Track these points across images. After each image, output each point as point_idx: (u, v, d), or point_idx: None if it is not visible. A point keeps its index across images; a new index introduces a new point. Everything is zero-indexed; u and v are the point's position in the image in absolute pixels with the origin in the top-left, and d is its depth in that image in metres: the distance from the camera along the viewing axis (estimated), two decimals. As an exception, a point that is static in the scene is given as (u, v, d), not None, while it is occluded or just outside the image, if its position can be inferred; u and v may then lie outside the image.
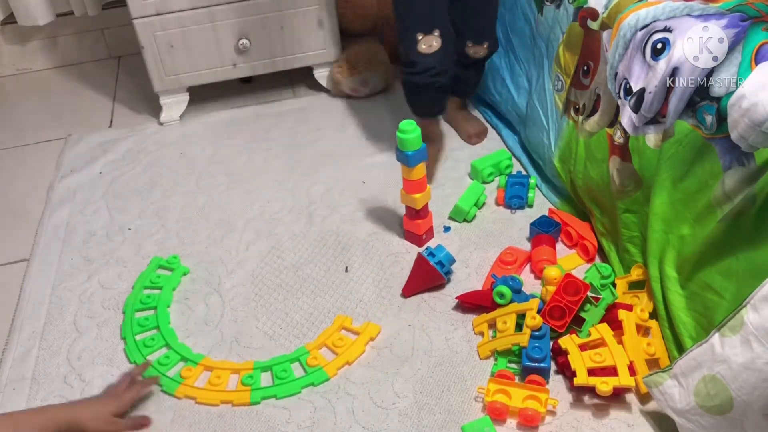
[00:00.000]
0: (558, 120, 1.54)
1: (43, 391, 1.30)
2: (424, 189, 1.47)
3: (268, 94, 2.14)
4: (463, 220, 1.57)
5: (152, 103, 2.11)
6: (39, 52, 2.40)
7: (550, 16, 1.53)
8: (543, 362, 1.20)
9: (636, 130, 1.27)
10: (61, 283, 1.53)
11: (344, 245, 1.56)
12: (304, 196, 1.71)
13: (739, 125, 1.06)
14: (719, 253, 1.11)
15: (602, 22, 1.36)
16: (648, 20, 1.24)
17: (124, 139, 1.99)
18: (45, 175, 1.89)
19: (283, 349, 1.33)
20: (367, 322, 1.36)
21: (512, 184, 1.63)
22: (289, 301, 1.44)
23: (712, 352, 0.98)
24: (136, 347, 1.35)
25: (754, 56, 1.08)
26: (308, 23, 1.97)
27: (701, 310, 1.14)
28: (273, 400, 1.25)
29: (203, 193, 1.76)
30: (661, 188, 1.22)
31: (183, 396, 1.26)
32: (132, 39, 1.96)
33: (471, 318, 1.35)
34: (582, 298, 1.24)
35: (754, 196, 1.04)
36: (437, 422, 1.18)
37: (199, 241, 1.61)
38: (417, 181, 1.45)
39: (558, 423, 1.16)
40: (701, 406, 1.00)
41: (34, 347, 1.39)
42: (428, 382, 1.25)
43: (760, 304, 0.92)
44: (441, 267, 1.39)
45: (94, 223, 1.69)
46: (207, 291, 1.48)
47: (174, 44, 1.92)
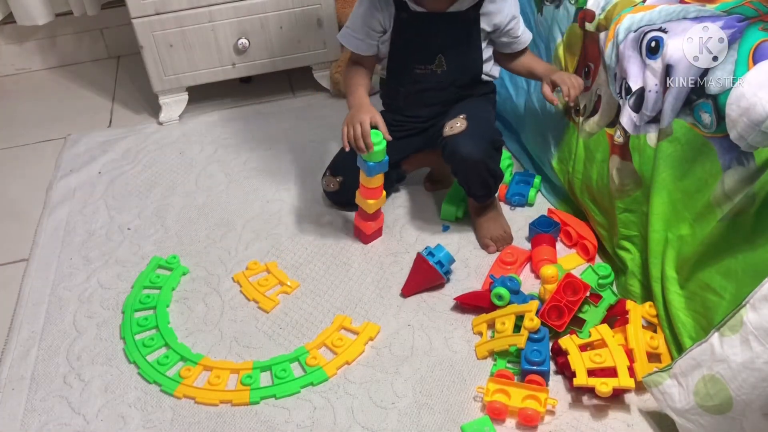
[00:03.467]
0: (557, 121, 1.54)
1: (43, 390, 1.30)
2: (378, 196, 1.49)
3: (268, 94, 2.14)
4: (455, 218, 1.57)
5: (151, 103, 2.11)
6: (38, 51, 2.40)
7: (550, 16, 1.53)
8: (542, 366, 1.19)
9: (636, 129, 1.27)
10: (60, 283, 1.53)
11: (344, 245, 1.56)
12: (303, 196, 1.71)
13: (738, 124, 1.06)
14: (719, 252, 1.11)
15: (599, 24, 1.36)
16: (643, 23, 1.25)
17: (124, 139, 1.99)
18: (44, 174, 1.89)
19: (283, 349, 1.33)
20: (367, 321, 1.36)
21: (518, 181, 1.63)
22: (288, 300, 1.44)
23: (711, 351, 0.98)
24: (135, 347, 1.35)
25: (752, 55, 1.09)
26: (308, 23, 1.97)
27: (701, 310, 1.14)
28: (272, 400, 1.25)
29: (202, 193, 1.76)
30: (661, 188, 1.22)
31: (182, 396, 1.26)
32: (131, 39, 1.96)
33: (470, 318, 1.35)
34: (581, 299, 1.24)
35: (753, 195, 1.04)
36: (436, 422, 1.18)
37: (198, 240, 1.61)
38: (373, 189, 1.47)
39: (557, 423, 1.16)
40: (701, 406, 1.00)
41: (33, 347, 1.39)
42: (428, 381, 1.25)
43: (760, 304, 0.92)
44: (440, 267, 1.39)
45: (94, 223, 1.69)
46: (206, 291, 1.48)
47: (173, 44, 1.92)
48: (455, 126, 1.41)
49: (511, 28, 1.47)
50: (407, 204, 1.65)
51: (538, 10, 1.58)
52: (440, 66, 1.47)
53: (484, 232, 1.51)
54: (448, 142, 1.41)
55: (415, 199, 1.66)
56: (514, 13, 1.47)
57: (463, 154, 1.40)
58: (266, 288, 1.45)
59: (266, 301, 1.43)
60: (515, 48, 1.51)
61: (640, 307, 1.25)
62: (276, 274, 1.48)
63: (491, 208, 1.52)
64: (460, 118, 1.42)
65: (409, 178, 1.69)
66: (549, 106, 1.56)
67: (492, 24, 1.46)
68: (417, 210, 1.63)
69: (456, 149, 1.40)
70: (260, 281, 1.47)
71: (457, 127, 1.41)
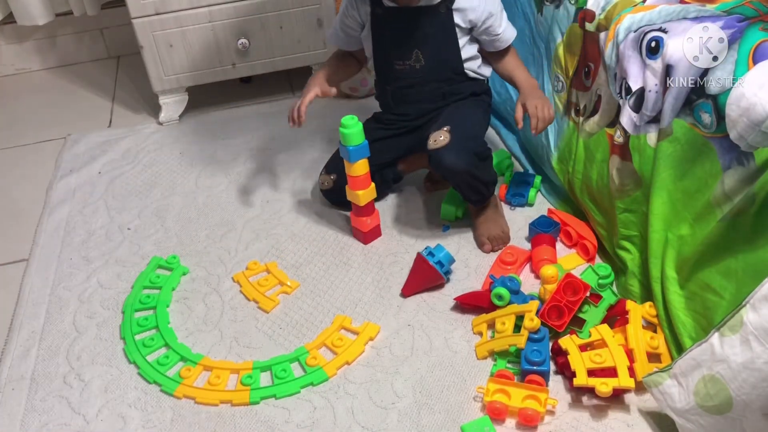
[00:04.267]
0: (558, 121, 1.54)
1: (43, 390, 1.30)
2: (367, 186, 1.49)
3: (268, 94, 2.14)
4: (455, 218, 1.57)
5: (151, 103, 2.11)
6: (38, 51, 2.40)
7: (549, 16, 1.53)
8: (542, 366, 1.19)
9: (637, 129, 1.27)
10: (60, 283, 1.53)
11: (343, 245, 1.56)
12: (303, 196, 1.71)
13: (738, 124, 1.06)
14: (719, 252, 1.11)
15: (599, 24, 1.36)
16: (643, 23, 1.25)
17: (124, 139, 1.99)
18: (44, 174, 1.89)
19: (283, 349, 1.33)
20: (367, 321, 1.36)
21: (518, 181, 1.63)
22: (288, 300, 1.44)
23: (711, 351, 0.98)
24: (135, 347, 1.35)
25: (752, 55, 1.09)
26: (308, 23, 1.97)
27: (701, 310, 1.14)
28: (272, 400, 1.25)
29: (202, 193, 1.76)
30: (661, 188, 1.22)
31: (182, 396, 1.26)
32: (131, 39, 1.96)
33: (470, 318, 1.35)
34: (581, 299, 1.24)
35: (753, 195, 1.04)
36: (436, 422, 1.18)
37: (198, 240, 1.61)
38: (359, 178, 1.47)
39: (557, 423, 1.16)
40: (701, 406, 1.00)
41: (33, 347, 1.39)
42: (427, 381, 1.25)
43: (760, 304, 0.92)
44: (440, 267, 1.39)
45: (94, 223, 1.69)
46: (206, 291, 1.48)
47: (173, 44, 1.92)
48: (438, 140, 1.40)
49: (489, 26, 1.47)
50: (407, 204, 1.65)
51: (538, 10, 1.58)
52: (418, 61, 1.49)
53: (482, 230, 1.51)
54: (432, 155, 1.41)
55: (415, 199, 1.66)
56: (491, 10, 1.47)
57: (448, 166, 1.40)
58: (266, 288, 1.46)
59: (266, 301, 1.43)
60: (498, 46, 1.52)
61: (640, 307, 1.25)
62: (276, 274, 1.48)
63: (490, 207, 1.53)
64: (443, 131, 1.41)
65: (409, 179, 1.69)
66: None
67: (467, 20, 1.46)
68: (417, 210, 1.63)
69: (440, 162, 1.40)
70: (260, 281, 1.47)
71: (440, 140, 1.39)
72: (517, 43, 1.69)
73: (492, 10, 1.47)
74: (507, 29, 1.51)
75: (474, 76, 1.55)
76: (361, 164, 1.46)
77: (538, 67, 1.60)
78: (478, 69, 1.54)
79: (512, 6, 1.68)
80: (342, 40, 1.58)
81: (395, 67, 1.52)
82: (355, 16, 1.51)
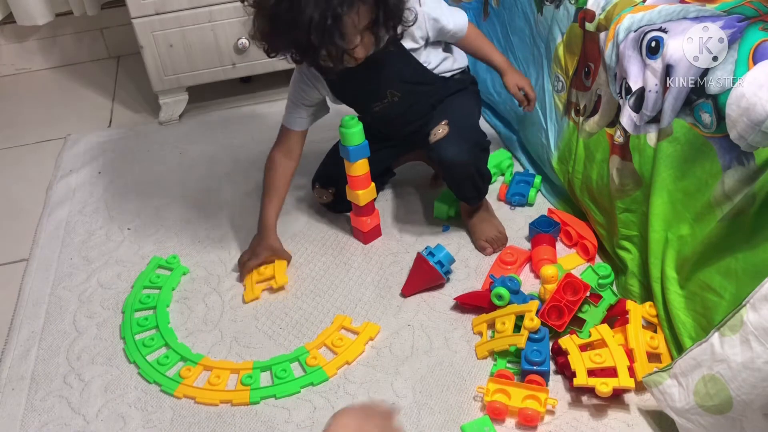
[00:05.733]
0: (558, 121, 1.54)
1: (43, 390, 1.30)
2: (367, 186, 1.49)
3: (268, 94, 2.14)
4: (447, 216, 1.57)
5: (151, 103, 2.11)
6: (38, 51, 2.40)
7: (549, 16, 1.53)
8: (542, 366, 1.19)
9: (637, 129, 1.27)
10: (60, 283, 1.53)
11: (344, 245, 1.56)
12: (303, 196, 1.71)
13: (738, 124, 1.06)
14: (719, 252, 1.11)
15: (599, 24, 1.36)
16: (643, 23, 1.25)
17: (124, 139, 1.99)
18: (44, 174, 1.89)
19: (283, 349, 1.33)
20: (367, 321, 1.36)
21: (518, 181, 1.63)
22: (288, 300, 1.44)
23: (711, 351, 0.98)
24: (135, 347, 1.35)
25: (752, 55, 1.09)
26: (307, 23, 1.97)
27: (701, 310, 1.14)
28: (272, 400, 1.25)
29: (202, 193, 1.76)
30: (661, 188, 1.22)
31: (182, 396, 1.26)
32: (131, 39, 1.96)
33: (470, 318, 1.35)
34: (581, 299, 1.24)
35: (753, 195, 1.04)
36: (436, 422, 1.18)
37: (198, 240, 1.61)
38: (359, 177, 1.47)
39: (557, 423, 1.16)
40: (701, 406, 1.00)
41: (33, 347, 1.39)
42: (427, 381, 1.25)
43: (760, 304, 0.92)
44: (440, 267, 1.39)
45: (94, 223, 1.69)
46: (206, 291, 1.48)
47: (173, 44, 1.92)
48: (438, 133, 1.40)
49: (439, 28, 1.42)
50: (407, 204, 1.65)
51: (538, 10, 1.58)
52: (394, 95, 1.45)
53: (479, 234, 1.50)
54: (433, 148, 1.40)
55: (415, 199, 1.66)
56: (432, 14, 1.40)
57: (450, 158, 1.39)
58: (259, 279, 1.46)
59: (249, 292, 1.44)
60: (458, 37, 1.48)
61: (640, 307, 1.25)
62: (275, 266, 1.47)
63: (482, 209, 1.52)
64: (441, 124, 1.41)
65: (409, 179, 1.70)
66: (549, 107, 1.56)
67: (417, 39, 1.41)
68: (417, 210, 1.63)
69: (442, 154, 1.39)
70: (260, 270, 1.47)
71: (439, 133, 1.40)
72: (517, 43, 1.70)
73: (432, 14, 1.40)
74: (455, 19, 1.45)
75: (452, 74, 1.51)
76: (361, 164, 1.46)
77: (538, 67, 1.60)
78: (453, 66, 1.50)
79: (512, 6, 1.68)
80: (308, 118, 1.51)
81: (374, 110, 1.48)
82: (314, 94, 1.47)
